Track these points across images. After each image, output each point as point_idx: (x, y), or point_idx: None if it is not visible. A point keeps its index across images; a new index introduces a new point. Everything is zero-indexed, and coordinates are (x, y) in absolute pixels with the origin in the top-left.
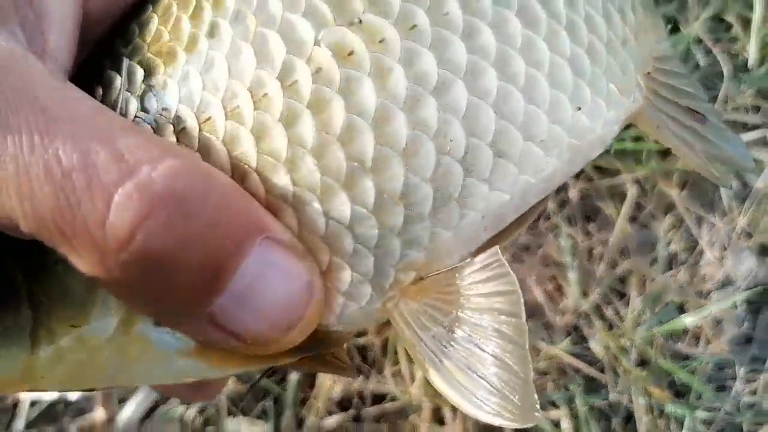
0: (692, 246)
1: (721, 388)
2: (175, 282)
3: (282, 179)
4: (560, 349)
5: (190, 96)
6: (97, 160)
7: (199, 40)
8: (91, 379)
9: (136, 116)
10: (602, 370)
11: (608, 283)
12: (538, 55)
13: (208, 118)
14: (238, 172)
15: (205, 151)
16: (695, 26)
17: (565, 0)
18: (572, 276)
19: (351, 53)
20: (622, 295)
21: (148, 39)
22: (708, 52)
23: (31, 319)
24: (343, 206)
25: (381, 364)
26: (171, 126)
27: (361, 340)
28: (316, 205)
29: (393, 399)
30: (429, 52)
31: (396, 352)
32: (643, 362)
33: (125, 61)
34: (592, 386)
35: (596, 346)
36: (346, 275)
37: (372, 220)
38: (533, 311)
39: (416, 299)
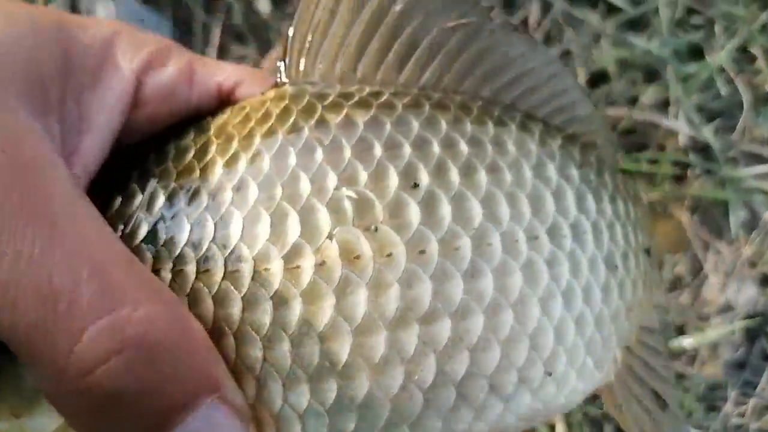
0: (697, 270)
1: (712, 408)
2: (119, 424)
3: (256, 352)
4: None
5: (199, 242)
6: (85, 291)
7: (225, 191)
8: None
9: (141, 241)
10: None
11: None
12: (529, 313)
13: (207, 270)
14: (217, 331)
15: (193, 300)
16: (720, 55)
17: (570, 266)
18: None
19: (358, 257)
20: None
21: (179, 168)
22: (730, 81)
23: None
24: (301, 397)
25: None
26: (171, 263)
27: None
28: (278, 386)
29: None
30: (429, 280)
31: None
32: None
33: (152, 182)
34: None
35: None
36: None
37: (325, 419)
38: None
39: None
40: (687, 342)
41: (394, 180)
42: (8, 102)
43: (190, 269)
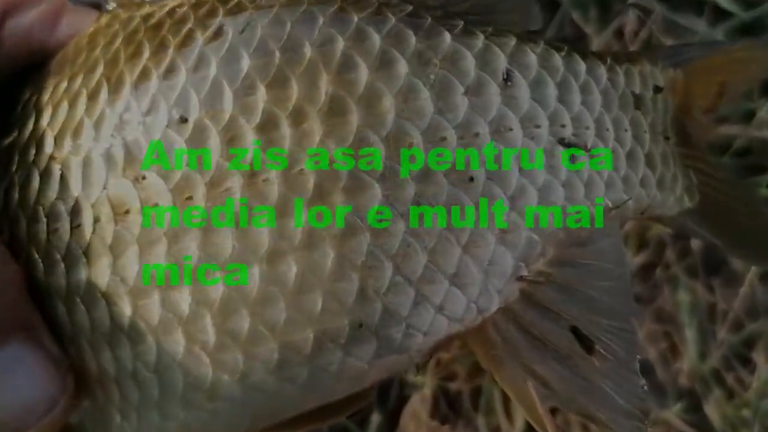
0: None
1: None
2: None
3: (63, 316)
4: (672, 414)
5: (26, 197)
6: None
7: (30, 148)
8: None
9: None
10: None
11: (731, 345)
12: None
13: (35, 233)
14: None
15: (29, 265)
16: None
17: None
18: (690, 335)
19: (127, 212)
20: (747, 361)
21: (20, 120)
22: None
23: None
24: (107, 360)
25: (469, 413)
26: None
27: (451, 386)
28: (89, 350)
29: None
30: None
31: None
32: None
33: None
34: None
35: (713, 415)
36: (116, 418)
37: (132, 383)
38: (644, 370)
39: None
40: None
41: (163, 116)
42: None
43: (22, 226)
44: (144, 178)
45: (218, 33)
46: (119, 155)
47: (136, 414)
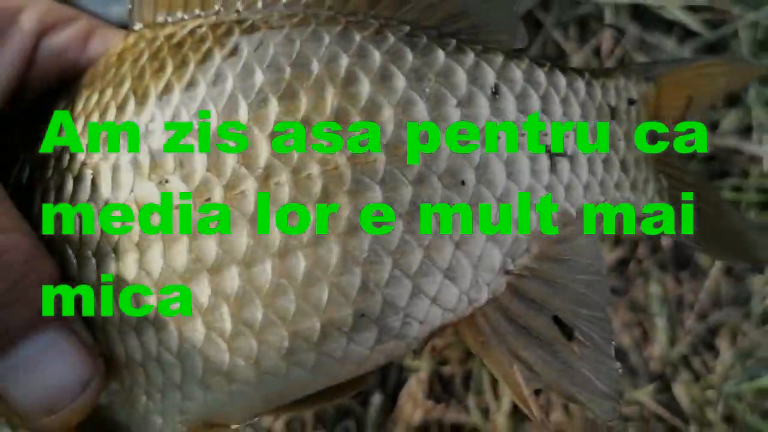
0: None
1: None
2: None
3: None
4: (644, 395)
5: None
6: None
7: (64, 155)
8: None
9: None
10: (686, 422)
11: (698, 333)
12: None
13: (65, 229)
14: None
15: (63, 260)
16: None
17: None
18: (660, 323)
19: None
20: (711, 348)
21: (43, 139)
22: None
23: None
24: (134, 347)
25: (461, 394)
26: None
27: (445, 370)
28: (117, 338)
29: (473, 430)
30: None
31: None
32: (729, 418)
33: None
34: None
35: (681, 395)
36: (142, 399)
37: (157, 368)
38: (618, 356)
39: None
40: None
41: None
42: None
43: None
44: (167, 181)
45: (234, 51)
46: (145, 161)
47: (160, 395)
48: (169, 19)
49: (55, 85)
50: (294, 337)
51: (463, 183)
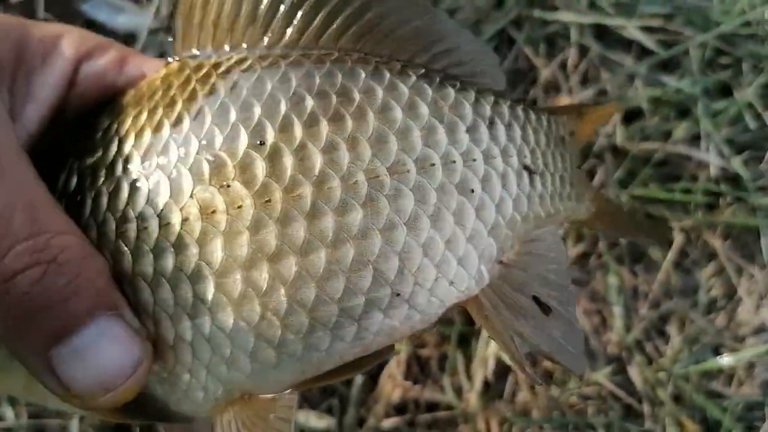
0: (731, 293)
1: (750, 428)
2: (30, 323)
3: (146, 296)
4: (602, 376)
5: (97, 209)
6: (16, 219)
7: (117, 164)
8: (8, 391)
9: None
10: (639, 401)
11: (650, 321)
12: (372, 245)
13: (103, 233)
14: (123, 282)
15: (116, 257)
16: (748, 92)
17: (417, 198)
18: (617, 311)
19: (213, 212)
20: (662, 334)
21: (90, 149)
22: (758, 116)
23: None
24: (186, 329)
25: (437, 375)
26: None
27: (423, 353)
28: (168, 323)
29: (448, 408)
30: (274, 225)
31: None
32: (678, 397)
33: (70, 161)
34: (630, 414)
35: (636, 378)
36: (185, 378)
37: (207, 346)
38: None
39: (238, 412)
40: (724, 362)
41: (244, 140)
42: None
43: (110, 229)
44: (229, 186)
45: (284, 79)
46: (205, 168)
47: (205, 371)
48: (213, 53)
49: (94, 106)
50: (341, 313)
51: (472, 191)
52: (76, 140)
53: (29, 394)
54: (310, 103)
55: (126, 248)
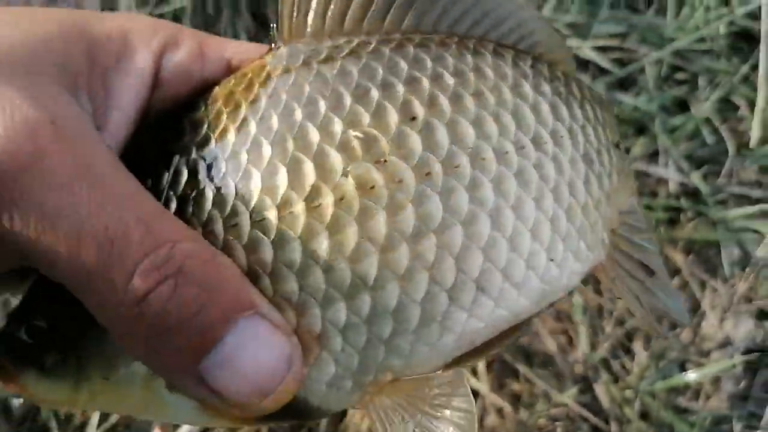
0: (695, 308)
1: None
2: (172, 339)
3: (291, 285)
4: (568, 397)
5: (223, 203)
6: (133, 235)
7: (241, 154)
8: (125, 412)
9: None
10: (607, 421)
11: (616, 338)
12: (526, 211)
13: (234, 225)
14: (252, 274)
15: (226, 252)
16: (705, 107)
17: (554, 166)
18: (582, 330)
19: (372, 187)
20: (628, 351)
21: (197, 141)
22: (715, 130)
23: (75, 365)
24: (339, 313)
25: None
26: (200, 228)
27: None
28: (317, 310)
29: None
30: (437, 197)
31: None
32: (645, 414)
33: (174, 159)
34: None
35: (602, 396)
36: (331, 368)
37: (363, 328)
38: (546, 361)
39: (389, 396)
40: (691, 377)
41: (393, 116)
42: (49, 87)
43: (218, 228)
44: (386, 161)
45: (417, 59)
46: (357, 146)
47: (357, 356)
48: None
49: (183, 99)
50: (505, 279)
51: (591, 161)
52: (179, 135)
53: (157, 411)
54: (450, 80)
55: (265, 238)
